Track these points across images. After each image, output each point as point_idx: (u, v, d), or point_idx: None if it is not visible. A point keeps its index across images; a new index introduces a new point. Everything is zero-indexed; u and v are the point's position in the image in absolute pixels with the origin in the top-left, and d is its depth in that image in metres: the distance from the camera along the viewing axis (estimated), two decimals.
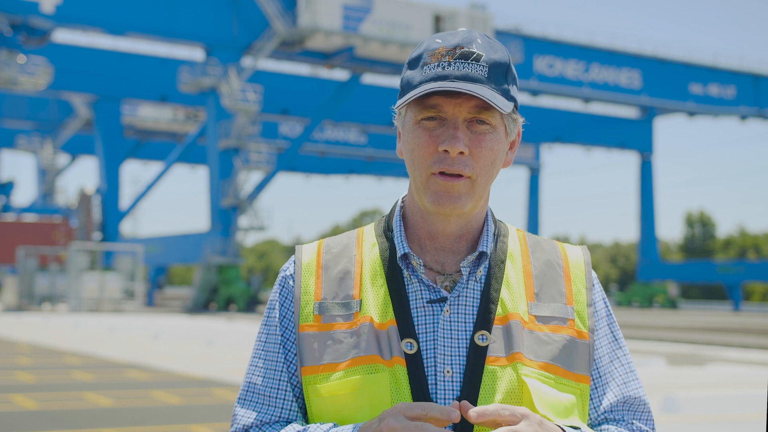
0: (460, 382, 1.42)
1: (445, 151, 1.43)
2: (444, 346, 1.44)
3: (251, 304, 43.87)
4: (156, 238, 55.25)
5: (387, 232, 1.55)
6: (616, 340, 1.57)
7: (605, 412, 1.53)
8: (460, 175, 1.44)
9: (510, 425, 1.35)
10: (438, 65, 1.43)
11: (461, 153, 1.43)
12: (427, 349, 1.44)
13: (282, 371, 1.51)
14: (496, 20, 49.40)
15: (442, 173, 1.44)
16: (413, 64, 1.48)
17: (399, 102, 1.48)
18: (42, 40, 41.59)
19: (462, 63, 1.43)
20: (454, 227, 1.50)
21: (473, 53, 1.44)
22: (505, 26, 50.63)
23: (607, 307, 1.58)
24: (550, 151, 79.93)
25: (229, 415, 9.96)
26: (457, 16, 46.28)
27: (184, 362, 16.13)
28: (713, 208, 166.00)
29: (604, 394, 1.53)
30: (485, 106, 1.44)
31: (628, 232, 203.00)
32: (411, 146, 1.47)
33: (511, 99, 1.47)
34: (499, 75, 1.45)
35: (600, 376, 1.53)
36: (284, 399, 1.51)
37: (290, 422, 1.50)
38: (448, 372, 1.43)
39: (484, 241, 1.51)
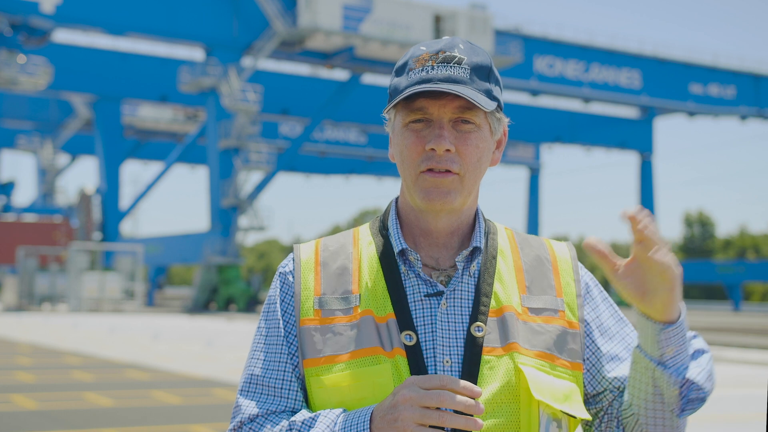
0: (459, 371, 1.46)
1: (432, 149, 1.49)
2: (442, 337, 1.48)
3: (251, 304, 43.87)
4: (156, 238, 55.24)
5: (382, 231, 1.60)
6: (622, 318, 1.63)
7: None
8: (448, 171, 1.49)
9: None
10: (422, 70, 1.51)
11: (447, 150, 1.49)
12: (426, 341, 1.48)
13: (286, 362, 1.54)
14: (496, 20, 49.38)
15: (430, 170, 1.50)
16: (399, 71, 1.55)
17: (387, 107, 1.55)
18: (42, 40, 41.59)
19: (445, 66, 1.50)
20: (445, 223, 1.56)
21: (455, 57, 1.51)
22: (505, 26, 50.61)
23: (602, 292, 1.64)
24: (550, 151, 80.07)
25: (229, 415, 9.96)
26: (457, 16, 46.26)
27: (184, 362, 16.13)
28: (713, 208, 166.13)
29: (624, 364, 1.57)
30: (469, 106, 1.50)
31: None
32: (400, 148, 1.54)
33: (494, 99, 1.53)
34: (481, 76, 1.52)
35: (616, 353, 1.57)
36: (290, 389, 1.53)
37: (296, 412, 1.52)
38: (447, 362, 1.47)
39: (476, 236, 1.57)
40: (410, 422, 1.35)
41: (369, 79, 52.12)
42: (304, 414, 1.48)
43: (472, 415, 1.38)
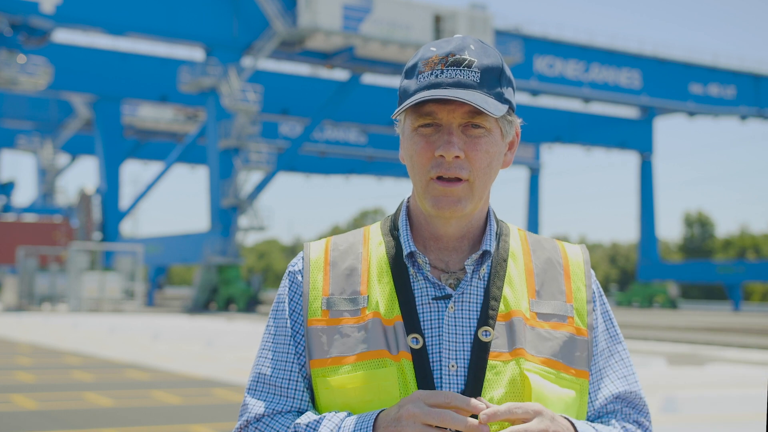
0: (465, 376, 1.46)
1: (441, 156, 1.48)
2: (449, 341, 1.48)
3: (251, 304, 43.87)
4: (156, 238, 55.25)
5: (393, 231, 1.60)
6: (616, 335, 1.61)
7: (605, 404, 1.56)
8: (458, 179, 1.48)
9: (522, 423, 1.39)
10: (431, 73, 1.49)
11: (457, 157, 1.48)
12: (432, 345, 1.47)
13: (293, 362, 1.54)
14: (496, 20, 49.40)
15: (440, 177, 1.49)
16: (409, 73, 1.54)
17: (396, 111, 1.53)
18: (42, 40, 41.59)
19: (454, 70, 1.48)
20: (455, 228, 1.55)
21: (465, 60, 1.49)
22: (505, 26, 50.63)
23: (604, 304, 1.62)
24: (550, 151, 80.00)
25: (229, 415, 9.97)
26: (457, 16, 46.26)
27: (184, 362, 16.13)
28: (713, 208, 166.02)
29: (603, 387, 1.57)
30: (478, 111, 1.48)
31: (628, 233, 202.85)
32: (410, 153, 1.53)
33: (505, 101, 1.51)
34: (492, 79, 1.50)
35: (599, 370, 1.57)
36: (296, 389, 1.53)
37: (302, 412, 1.53)
38: (452, 366, 1.46)
39: (487, 240, 1.56)
40: None
41: (369, 79, 52.14)
42: (309, 416, 1.48)
43: None
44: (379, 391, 1.45)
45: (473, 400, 1.37)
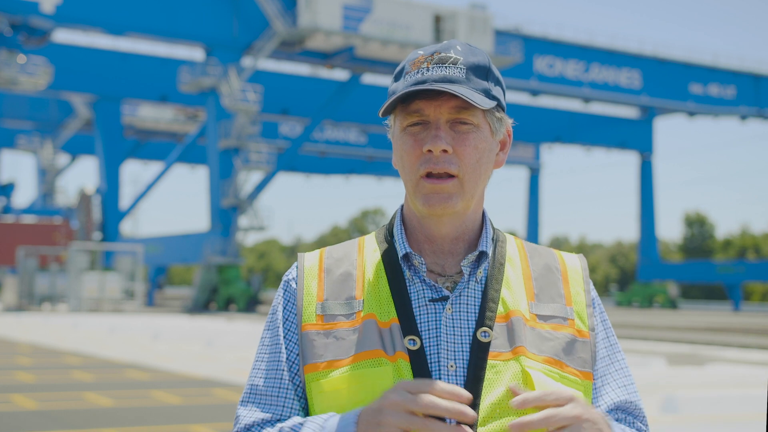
0: (464, 376, 1.43)
1: (429, 151, 1.47)
2: (447, 342, 1.45)
3: (251, 304, 43.87)
4: (156, 238, 55.26)
5: (388, 238, 1.58)
6: (615, 343, 1.60)
7: (606, 411, 1.54)
8: (447, 175, 1.47)
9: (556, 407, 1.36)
10: (417, 72, 1.49)
11: (444, 151, 1.47)
12: (430, 346, 1.45)
13: (284, 370, 1.52)
14: (496, 20, 49.39)
15: (429, 174, 1.48)
16: (397, 76, 1.54)
17: (382, 108, 1.52)
18: (42, 40, 41.60)
19: (440, 67, 1.48)
20: (449, 228, 1.53)
21: (450, 57, 1.49)
22: (505, 26, 50.63)
23: (603, 312, 1.61)
24: (550, 151, 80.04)
25: (229, 415, 9.98)
26: (457, 16, 46.26)
27: (184, 362, 16.13)
28: (713, 208, 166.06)
29: (605, 394, 1.55)
30: (465, 106, 1.48)
31: (628, 232, 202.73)
32: (400, 153, 1.52)
33: (493, 98, 1.50)
34: (478, 75, 1.50)
35: (600, 377, 1.55)
36: (286, 397, 1.52)
37: None
38: (451, 366, 1.44)
39: (483, 241, 1.54)
40: (394, 428, 1.33)
41: (369, 79, 52.15)
42: (294, 420, 1.47)
43: (471, 424, 1.35)
44: (374, 390, 1.42)
45: (457, 387, 1.34)
